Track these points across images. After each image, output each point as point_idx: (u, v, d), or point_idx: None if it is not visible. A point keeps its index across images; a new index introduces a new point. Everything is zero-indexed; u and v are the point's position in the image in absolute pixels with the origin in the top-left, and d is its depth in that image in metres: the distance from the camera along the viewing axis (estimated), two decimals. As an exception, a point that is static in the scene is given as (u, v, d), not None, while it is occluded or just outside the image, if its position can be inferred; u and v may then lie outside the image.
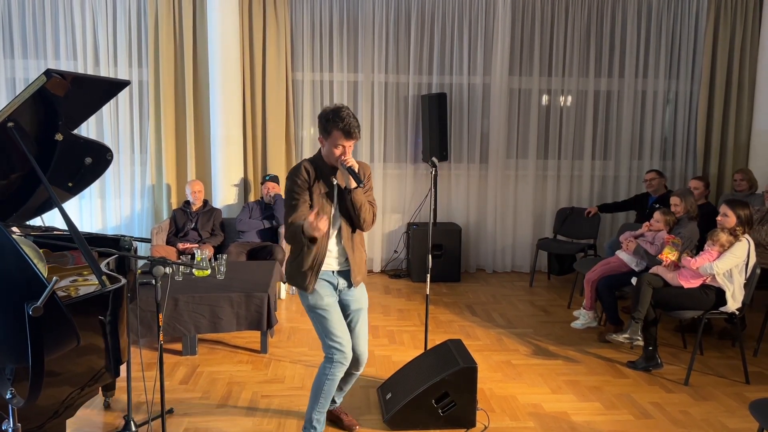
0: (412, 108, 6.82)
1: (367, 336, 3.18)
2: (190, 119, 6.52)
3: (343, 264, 3.03)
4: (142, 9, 6.44)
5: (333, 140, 2.84)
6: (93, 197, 6.68)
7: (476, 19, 6.72)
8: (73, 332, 1.61)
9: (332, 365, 2.97)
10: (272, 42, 6.49)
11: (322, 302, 2.96)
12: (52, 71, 2.33)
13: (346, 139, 2.83)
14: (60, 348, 1.69)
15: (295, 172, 2.91)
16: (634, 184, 6.98)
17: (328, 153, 2.89)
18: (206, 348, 4.57)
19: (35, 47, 6.44)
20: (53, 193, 2.50)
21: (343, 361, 2.98)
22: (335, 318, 2.98)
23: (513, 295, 6.13)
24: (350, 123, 2.82)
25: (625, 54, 6.86)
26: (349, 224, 3.00)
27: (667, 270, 4.22)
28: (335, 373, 2.98)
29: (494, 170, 6.94)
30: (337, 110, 2.84)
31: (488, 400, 3.73)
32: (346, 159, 2.85)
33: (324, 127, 2.87)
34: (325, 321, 2.96)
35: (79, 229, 2.48)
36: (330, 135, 2.85)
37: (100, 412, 3.55)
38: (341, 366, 2.99)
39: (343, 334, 2.99)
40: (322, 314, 2.96)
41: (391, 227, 7.02)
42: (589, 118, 6.95)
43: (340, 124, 2.80)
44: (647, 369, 4.20)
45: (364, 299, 3.16)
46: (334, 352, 2.96)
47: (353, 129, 2.82)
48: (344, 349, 2.98)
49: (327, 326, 2.96)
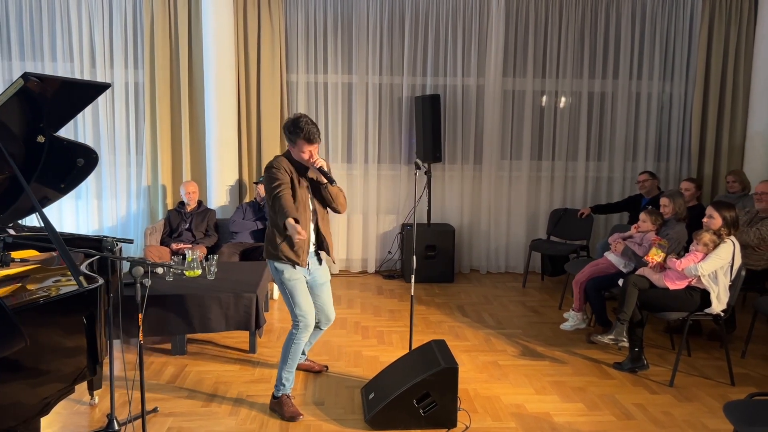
0: (406, 109, 6.85)
1: (332, 302, 3.79)
2: (186, 120, 6.56)
3: (316, 245, 3.57)
4: (137, 11, 6.49)
5: (299, 147, 3.31)
6: (89, 198, 6.73)
7: (470, 21, 6.75)
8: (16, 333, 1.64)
9: (298, 331, 3.47)
10: (267, 44, 6.52)
11: (295, 275, 3.45)
12: (29, 74, 2.37)
13: (309, 145, 3.29)
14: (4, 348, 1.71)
15: (277, 163, 3.35)
16: (628, 185, 6.99)
17: (298, 156, 3.37)
18: (196, 348, 4.61)
19: (32, 49, 6.50)
20: (32, 194, 2.53)
21: (306, 328, 3.49)
22: (303, 290, 3.48)
23: (505, 296, 6.15)
24: (310, 130, 3.27)
25: (619, 55, 6.86)
26: (323, 208, 3.55)
27: (653, 271, 4.23)
28: (300, 337, 3.48)
29: (488, 171, 6.96)
30: (296, 120, 3.29)
31: (471, 401, 3.75)
32: (315, 160, 3.33)
33: (289, 137, 3.34)
34: (294, 291, 3.44)
35: (57, 230, 2.52)
36: (295, 144, 3.32)
37: (85, 410, 3.59)
38: (305, 331, 3.49)
39: (308, 306, 3.49)
40: (293, 285, 3.44)
41: (385, 228, 7.04)
42: (583, 120, 6.96)
43: (301, 133, 3.27)
44: (633, 370, 4.21)
45: (327, 272, 3.74)
46: (300, 319, 3.46)
47: (314, 135, 3.28)
48: (307, 318, 3.47)
49: (295, 296, 3.45)
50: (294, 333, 3.50)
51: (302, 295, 3.47)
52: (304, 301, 3.48)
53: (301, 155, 3.33)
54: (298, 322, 3.48)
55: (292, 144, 3.35)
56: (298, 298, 3.46)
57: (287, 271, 3.44)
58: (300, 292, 3.46)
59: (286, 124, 3.35)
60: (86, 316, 2.38)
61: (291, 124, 3.31)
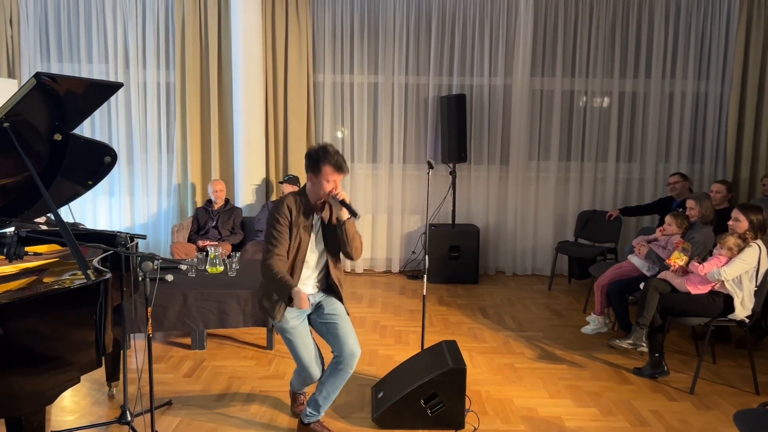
0: (431, 109, 6.83)
1: (353, 331, 3.18)
2: (215, 120, 6.69)
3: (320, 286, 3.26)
4: (169, 13, 6.65)
5: (324, 175, 3.00)
6: (122, 195, 6.93)
7: (498, 20, 6.69)
8: None
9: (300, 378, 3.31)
10: (294, 44, 6.60)
11: (288, 325, 3.12)
12: (41, 74, 2.46)
13: (336, 173, 3.01)
14: None
15: (277, 209, 3.08)
16: (660, 187, 6.81)
17: (316, 188, 3.05)
18: (215, 343, 4.69)
19: (70, 51, 6.73)
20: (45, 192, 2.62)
21: (308, 380, 3.27)
22: (300, 342, 3.15)
23: (529, 299, 6.07)
24: (339, 159, 3.01)
25: (651, 54, 6.70)
26: (334, 256, 3.21)
27: (675, 275, 4.12)
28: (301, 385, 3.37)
29: (515, 172, 6.88)
30: (324, 148, 3.02)
31: (483, 403, 3.72)
32: (338, 192, 3.03)
33: (314, 164, 3.02)
34: (291, 344, 3.16)
35: (67, 225, 2.60)
36: (320, 171, 3.01)
37: (104, 400, 3.70)
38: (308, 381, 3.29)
39: (308, 356, 3.17)
40: (289, 338, 3.15)
41: (409, 228, 7.04)
42: (613, 120, 6.82)
43: (331, 159, 2.99)
44: (653, 376, 4.10)
45: (339, 306, 3.25)
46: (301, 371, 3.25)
47: (342, 163, 3.02)
48: (310, 371, 3.19)
49: (294, 348, 3.17)
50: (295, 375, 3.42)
51: (299, 346, 3.15)
52: (303, 352, 3.17)
53: (323, 185, 3.02)
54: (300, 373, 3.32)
55: (314, 173, 3.03)
56: (294, 348, 3.16)
57: (277, 322, 3.14)
58: (296, 345, 3.15)
59: (309, 152, 3.06)
60: (92, 309, 2.45)
61: (319, 150, 3.02)
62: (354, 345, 3.14)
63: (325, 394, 3.20)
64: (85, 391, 3.82)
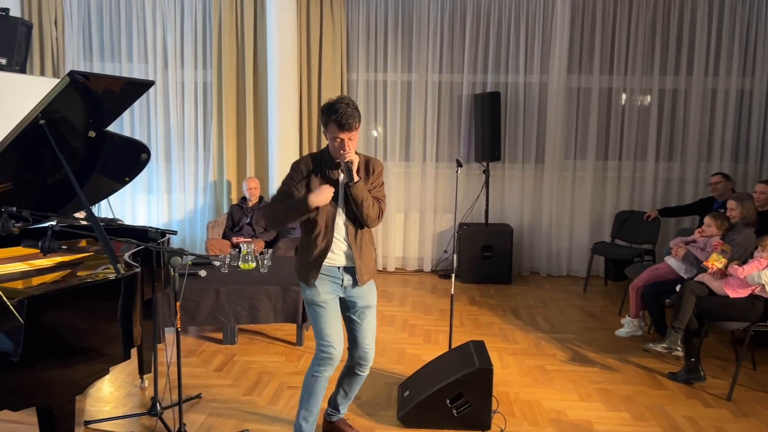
0: (465, 107, 6.77)
1: (374, 333, 3.04)
2: (250, 118, 6.78)
3: (350, 261, 2.92)
4: (206, 13, 6.76)
5: (330, 133, 2.74)
6: (160, 192, 7.07)
7: (534, 15, 6.59)
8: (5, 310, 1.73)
9: (320, 363, 2.89)
10: (328, 43, 6.63)
11: (319, 298, 2.88)
12: (74, 73, 2.52)
13: (340, 131, 2.70)
14: None
15: (294, 164, 2.88)
16: (701, 187, 6.61)
17: (332, 147, 2.81)
18: (246, 338, 4.75)
19: (111, 51, 6.90)
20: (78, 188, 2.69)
21: (331, 361, 2.88)
22: (330, 317, 2.89)
23: (563, 300, 5.96)
24: (345, 113, 2.68)
25: (693, 50, 6.51)
26: (354, 224, 2.90)
27: (713, 278, 3.99)
28: (322, 371, 2.89)
29: (550, 171, 6.78)
30: (334, 102, 2.73)
31: (511, 404, 3.67)
32: (346, 153, 2.74)
33: (323, 120, 2.77)
34: (319, 318, 2.88)
35: (99, 220, 2.66)
36: (327, 128, 2.75)
37: (136, 392, 3.78)
38: (329, 366, 2.89)
39: (336, 335, 2.89)
40: (318, 311, 2.89)
41: (442, 227, 7.00)
42: (653, 118, 6.65)
43: (333, 116, 2.69)
44: (689, 381, 3.98)
45: (371, 297, 3.02)
46: (323, 350, 2.87)
47: (348, 120, 2.68)
48: (333, 350, 2.87)
49: (320, 324, 2.88)
50: (314, 363, 2.93)
51: (327, 321, 2.89)
52: (332, 327, 2.89)
53: (333, 144, 2.77)
54: (321, 353, 2.89)
55: (324, 129, 2.79)
56: (322, 323, 2.88)
57: (310, 291, 2.91)
58: (324, 319, 2.88)
59: (322, 107, 2.78)
60: (121, 302, 2.51)
61: (327, 105, 2.74)
62: (368, 349, 3.00)
63: (343, 394, 3.16)
64: (119, 383, 3.91)
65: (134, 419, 3.43)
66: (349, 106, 2.70)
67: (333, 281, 2.92)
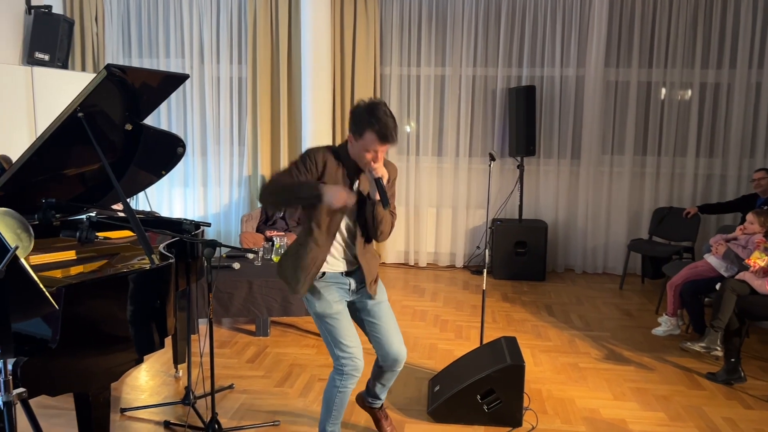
0: (499, 101, 6.70)
1: (398, 331, 2.82)
2: (284, 113, 6.83)
3: (351, 265, 2.71)
4: (242, 9, 6.83)
5: (365, 143, 2.45)
6: (196, 185, 7.18)
7: (570, 8, 6.47)
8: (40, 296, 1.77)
9: (342, 377, 2.67)
10: (362, 37, 6.63)
11: (331, 310, 2.63)
12: (112, 66, 2.57)
13: (379, 144, 2.43)
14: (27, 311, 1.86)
15: (310, 152, 2.55)
16: (744, 184, 6.42)
17: (357, 153, 2.52)
18: (279, 330, 4.79)
19: (149, 47, 7.02)
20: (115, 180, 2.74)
21: (355, 372, 2.67)
22: (345, 326, 2.66)
23: (598, 298, 5.86)
24: (387, 124, 2.41)
25: (737, 42, 6.30)
26: (363, 236, 2.67)
27: (754, 276, 3.87)
28: (347, 385, 2.68)
29: (586, 166, 6.66)
30: (372, 107, 2.44)
31: (543, 401, 3.62)
32: (376, 168, 2.46)
33: (356, 125, 2.46)
34: (335, 330, 2.64)
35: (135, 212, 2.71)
36: (362, 136, 2.45)
37: (171, 381, 3.85)
38: (353, 377, 2.68)
39: (354, 344, 2.66)
40: (332, 323, 2.64)
41: (474, 222, 6.94)
42: (693, 113, 6.47)
43: (376, 125, 2.41)
44: (728, 382, 3.87)
45: (380, 292, 2.82)
46: (345, 363, 2.65)
47: (390, 132, 2.42)
48: (356, 361, 2.65)
49: (336, 336, 2.64)
50: (337, 379, 2.68)
51: (344, 332, 2.64)
52: (348, 337, 2.65)
53: (362, 154, 2.48)
54: (341, 366, 2.65)
55: (356, 136, 2.46)
56: (339, 335, 2.63)
57: (319, 303, 2.64)
58: (340, 330, 2.64)
59: (357, 108, 2.47)
60: (156, 292, 2.55)
61: (365, 109, 2.44)
62: (398, 350, 2.79)
63: (381, 387, 3.03)
64: (154, 372, 3.99)
65: (168, 408, 3.49)
66: (389, 116, 2.45)
67: (340, 287, 2.72)
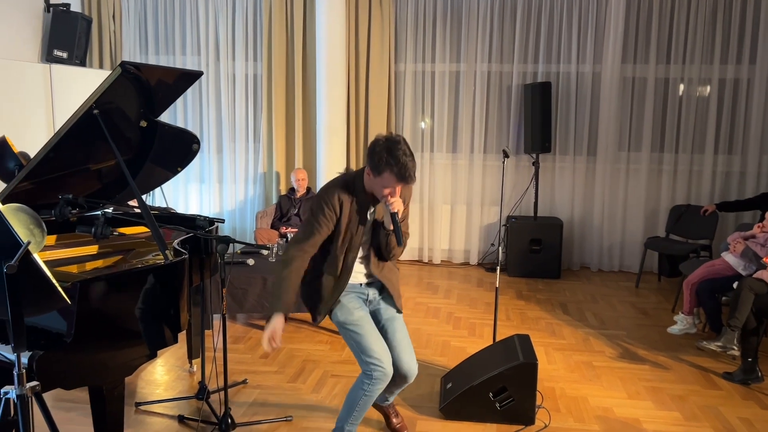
0: (515, 98, 6.66)
1: (410, 347, 2.85)
2: (299, 110, 6.85)
3: (370, 277, 2.83)
4: (257, 7, 6.85)
5: (383, 181, 2.49)
6: (212, 182, 7.23)
7: (587, 3, 6.41)
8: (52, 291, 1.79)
9: (371, 382, 2.67)
10: (376, 34, 6.63)
11: (352, 317, 2.69)
12: (126, 63, 2.59)
13: (398, 183, 2.48)
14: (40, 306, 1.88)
15: (327, 197, 2.60)
16: (763, 181, 6.32)
17: (374, 187, 2.57)
18: (293, 326, 4.82)
19: (165, 44, 7.08)
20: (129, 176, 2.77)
21: (383, 378, 2.67)
22: (370, 332, 2.69)
23: (614, 296, 5.81)
24: (406, 165, 2.43)
25: (757, 37, 6.20)
26: (377, 256, 2.80)
27: (773, 275, 3.82)
28: (374, 390, 2.69)
29: (603, 163, 6.60)
30: (392, 147, 2.44)
31: (556, 400, 3.61)
32: (393, 202, 2.52)
33: (375, 164, 2.47)
34: (359, 337, 2.67)
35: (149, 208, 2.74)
36: (380, 175, 2.48)
37: (186, 376, 3.88)
38: (381, 383, 2.68)
39: (382, 349, 2.68)
40: (356, 329, 2.68)
41: (489, 220, 6.92)
42: (712, 109, 6.38)
43: (395, 167, 2.43)
44: (745, 382, 3.82)
45: (394, 312, 2.89)
46: (374, 368, 2.65)
47: (409, 173, 2.44)
48: (384, 365, 2.65)
49: (362, 342, 2.67)
50: (366, 383, 2.69)
51: (369, 337, 2.67)
52: (375, 342, 2.67)
53: (380, 190, 2.53)
54: (370, 372, 2.66)
55: (375, 173, 2.49)
56: (364, 342, 2.66)
57: (340, 311, 2.71)
58: (365, 337, 2.66)
59: (375, 146, 2.48)
60: (170, 287, 2.57)
61: (385, 149, 2.44)
62: (409, 365, 2.81)
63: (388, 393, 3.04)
64: (169, 367, 4.03)
65: (182, 402, 3.53)
66: (408, 156, 2.46)
67: (359, 296, 2.81)
